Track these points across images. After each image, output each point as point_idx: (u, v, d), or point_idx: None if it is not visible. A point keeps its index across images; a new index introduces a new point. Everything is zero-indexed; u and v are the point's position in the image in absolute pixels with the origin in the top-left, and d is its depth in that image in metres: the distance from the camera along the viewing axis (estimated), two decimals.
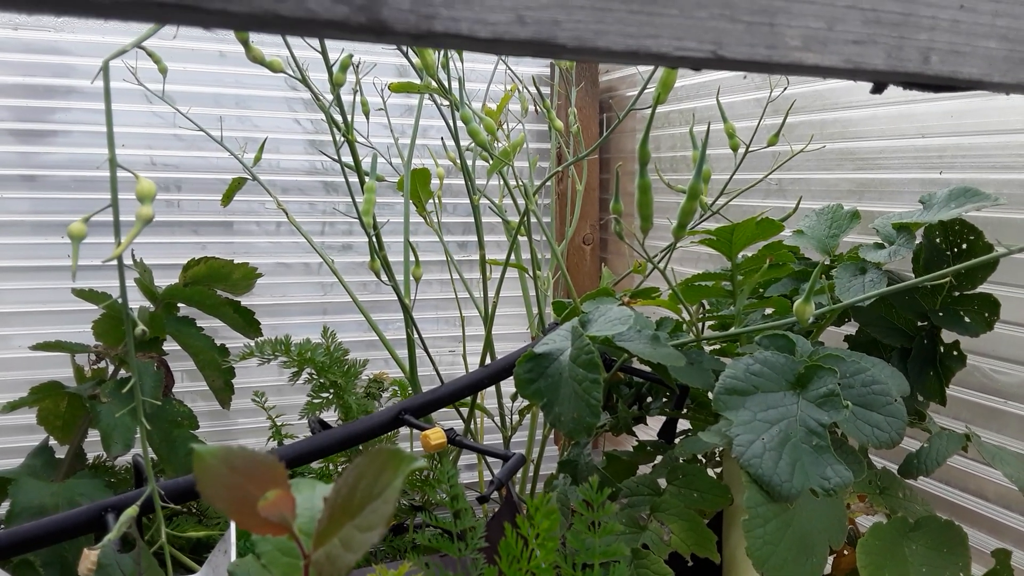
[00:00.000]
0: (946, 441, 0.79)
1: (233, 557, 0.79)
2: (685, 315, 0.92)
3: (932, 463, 0.77)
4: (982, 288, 0.86)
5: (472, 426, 1.30)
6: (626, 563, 0.66)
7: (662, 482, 0.84)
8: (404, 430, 1.06)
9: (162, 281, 1.28)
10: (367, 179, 0.92)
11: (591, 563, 0.62)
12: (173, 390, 1.26)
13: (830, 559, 0.97)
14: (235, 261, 1.28)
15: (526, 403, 1.27)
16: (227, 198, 1.35)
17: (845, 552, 0.97)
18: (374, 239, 1.00)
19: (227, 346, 1.29)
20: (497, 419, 1.33)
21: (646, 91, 0.84)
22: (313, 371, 1.15)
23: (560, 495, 0.93)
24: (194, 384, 1.43)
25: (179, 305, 1.29)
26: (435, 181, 1.33)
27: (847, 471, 0.65)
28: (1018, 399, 0.93)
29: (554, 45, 0.33)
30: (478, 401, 1.28)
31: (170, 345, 1.29)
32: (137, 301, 1.26)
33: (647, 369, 0.99)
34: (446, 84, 1.01)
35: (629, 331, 0.81)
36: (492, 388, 1.29)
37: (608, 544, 0.60)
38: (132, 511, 0.67)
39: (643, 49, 0.35)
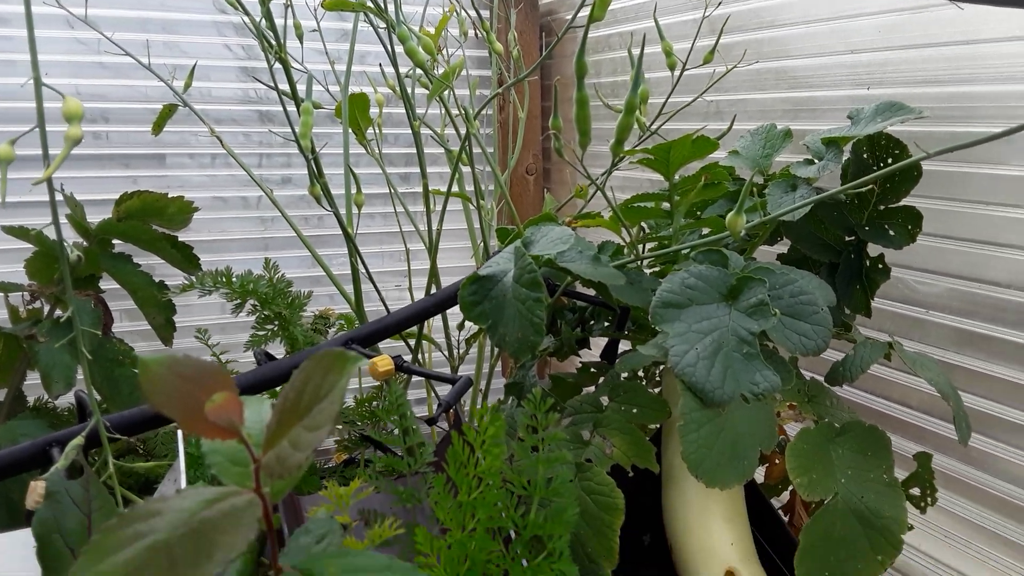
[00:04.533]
0: (869, 349, 0.83)
1: (183, 486, 0.79)
2: (626, 236, 0.94)
3: (856, 370, 0.82)
4: (906, 201, 0.89)
5: (420, 358, 1.32)
6: (570, 470, 0.69)
7: (604, 400, 0.87)
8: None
9: (93, 217, 1.24)
10: (303, 102, 0.90)
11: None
12: (112, 330, 1.24)
13: (763, 468, 1.02)
14: (169, 195, 1.25)
15: (473, 332, 1.28)
16: (157, 126, 1.30)
17: (777, 461, 1.02)
18: (313, 165, 0.98)
19: (167, 283, 1.27)
20: (445, 350, 1.35)
21: (584, 10, 0.83)
22: (256, 303, 1.14)
23: (507, 418, 0.95)
24: (134, 324, 1.41)
25: (114, 242, 1.26)
26: (374, 109, 1.31)
27: (775, 376, 0.68)
28: (938, 308, 0.98)
29: None
30: (425, 332, 1.29)
31: (107, 284, 1.26)
32: (70, 238, 1.23)
33: (591, 293, 1.01)
34: (381, 3, 0.98)
35: (571, 251, 0.83)
36: (439, 320, 1.31)
37: (552, 451, 0.63)
38: (78, 440, 0.66)
39: None
